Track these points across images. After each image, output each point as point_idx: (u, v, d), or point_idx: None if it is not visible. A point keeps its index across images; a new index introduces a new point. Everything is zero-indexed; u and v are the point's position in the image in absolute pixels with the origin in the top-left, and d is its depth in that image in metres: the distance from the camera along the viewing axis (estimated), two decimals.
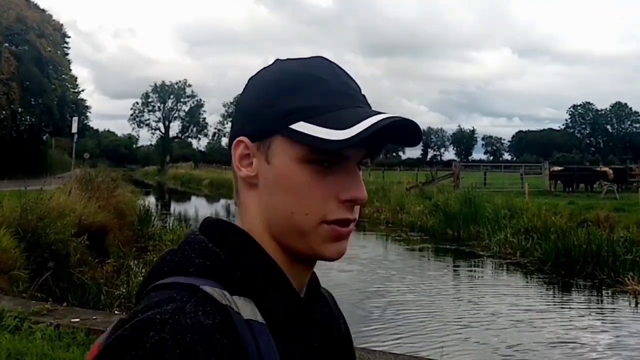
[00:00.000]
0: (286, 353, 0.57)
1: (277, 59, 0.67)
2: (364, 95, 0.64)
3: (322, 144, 0.56)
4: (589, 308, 8.10)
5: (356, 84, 0.65)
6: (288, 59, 0.66)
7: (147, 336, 0.48)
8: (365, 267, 10.83)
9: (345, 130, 0.56)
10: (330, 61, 0.65)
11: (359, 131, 0.55)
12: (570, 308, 8.09)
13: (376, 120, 0.56)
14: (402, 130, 0.59)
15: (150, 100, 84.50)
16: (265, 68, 0.66)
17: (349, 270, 10.19)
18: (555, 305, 8.26)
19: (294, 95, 0.60)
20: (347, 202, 0.60)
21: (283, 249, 0.62)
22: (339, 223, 0.60)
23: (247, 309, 0.55)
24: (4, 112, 34.57)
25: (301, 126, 0.58)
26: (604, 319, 7.48)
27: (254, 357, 0.53)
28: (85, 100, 50.46)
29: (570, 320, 7.35)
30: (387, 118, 0.56)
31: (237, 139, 0.63)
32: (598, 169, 23.77)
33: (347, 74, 0.65)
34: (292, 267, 0.62)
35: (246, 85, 0.66)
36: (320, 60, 0.64)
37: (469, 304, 8.20)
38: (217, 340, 0.50)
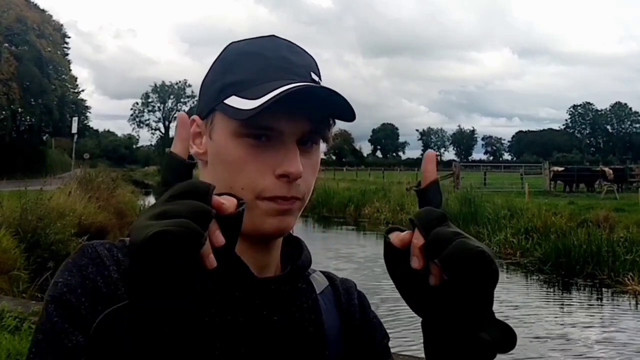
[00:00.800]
0: (207, 319, 0.58)
1: (232, 42, 0.68)
2: (313, 72, 0.63)
3: (235, 114, 0.57)
4: (589, 308, 8.10)
5: (308, 60, 0.65)
6: (240, 40, 0.67)
7: (71, 257, 0.59)
8: (365, 267, 10.83)
9: (255, 100, 0.56)
10: (281, 38, 0.65)
11: (264, 100, 0.55)
12: (570, 308, 8.09)
13: (283, 89, 0.55)
14: (329, 102, 0.58)
15: (150, 100, 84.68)
16: (227, 48, 0.68)
17: (349, 269, 10.19)
18: (555, 305, 8.26)
19: (230, 71, 0.62)
20: (281, 177, 0.60)
21: None
22: (277, 200, 0.60)
23: None
24: (4, 112, 34.59)
25: (232, 100, 0.59)
26: (604, 319, 7.47)
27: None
28: (85, 101, 50.54)
29: (570, 320, 7.35)
30: (297, 86, 0.56)
31: (191, 117, 0.63)
32: (597, 169, 23.77)
33: (296, 50, 0.64)
34: (247, 246, 0.62)
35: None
36: (268, 38, 0.65)
37: None
38: (104, 264, 0.58)
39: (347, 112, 0.60)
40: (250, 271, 0.62)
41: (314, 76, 0.63)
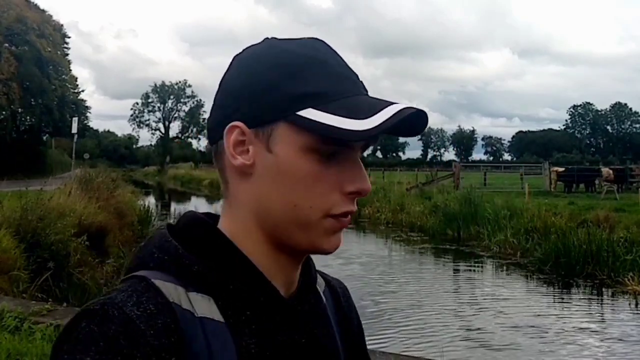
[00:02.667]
0: (252, 351, 0.54)
1: (267, 38, 0.63)
2: (362, 81, 0.62)
3: (340, 133, 0.53)
4: (589, 308, 8.10)
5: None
6: (281, 38, 0.62)
7: (79, 327, 0.48)
8: (364, 267, 10.83)
9: (366, 120, 0.53)
10: (326, 43, 0.62)
11: (381, 121, 0.53)
12: (570, 308, 8.08)
13: (396, 110, 0.53)
14: (410, 121, 0.56)
15: (150, 100, 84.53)
16: (254, 46, 0.62)
17: (348, 270, 10.18)
18: (555, 305, 8.26)
19: (298, 79, 0.56)
20: (351, 194, 0.57)
21: (273, 244, 0.59)
22: (342, 216, 0.58)
23: (202, 307, 0.53)
24: (4, 112, 34.57)
25: (310, 113, 0.54)
26: (604, 319, 7.47)
27: (202, 356, 0.51)
28: (85, 101, 50.46)
29: (570, 321, 7.35)
30: (406, 109, 0.54)
31: (231, 124, 0.57)
32: (597, 168, 23.76)
33: (341, 56, 0.62)
34: (278, 262, 0.59)
35: (232, 64, 0.62)
36: (317, 42, 0.61)
37: (468, 304, 8.20)
38: (142, 331, 0.48)
39: (419, 132, 0.59)
40: (280, 295, 0.59)
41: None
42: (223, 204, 0.62)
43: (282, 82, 0.56)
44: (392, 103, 0.56)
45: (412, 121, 0.56)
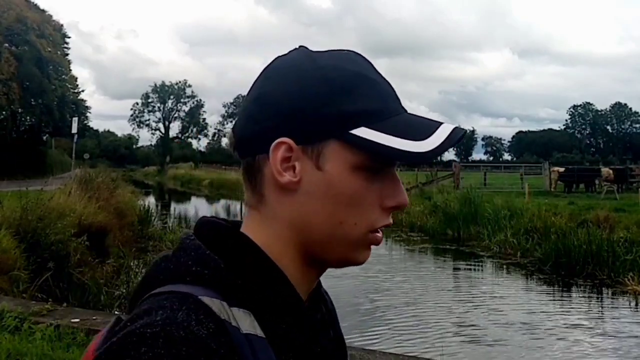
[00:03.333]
0: None
1: (303, 47, 0.61)
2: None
3: (399, 155, 0.54)
4: (589, 308, 8.10)
5: None
6: (320, 51, 0.60)
7: (138, 352, 0.44)
8: (364, 267, 10.82)
9: (423, 142, 0.54)
10: (362, 56, 0.61)
11: (438, 144, 0.54)
12: (570, 308, 8.09)
13: (449, 132, 0.55)
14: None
15: (150, 100, 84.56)
16: (290, 57, 0.60)
17: (348, 270, 10.18)
18: (555, 305, 8.26)
19: (350, 96, 0.55)
20: (392, 209, 0.58)
21: (306, 257, 0.58)
22: (382, 229, 0.59)
23: (246, 322, 0.52)
24: (4, 112, 34.61)
25: (364, 132, 0.54)
26: (604, 319, 7.47)
27: None
28: (85, 101, 50.53)
29: (570, 321, 7.35)
30: (457, 129, 0.56)
31: (279, 140, 0.55)
32: (597, 168, 23.77)
33: (376, 68, 0.62)
34: (304, 274, 0.59)
35: (268, 74, 0.60)
36: (358, 56, 0.60)
37: (469, 304, 8.20)
38: (214, 351, 0.46)
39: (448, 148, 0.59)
40: (306, 308, 0.59)
41: None
42: (251, 214, 0.60)
43: (334, 99, 0.55)
44: (439, 123, 0.57)
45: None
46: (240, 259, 0.55)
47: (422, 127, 0.56)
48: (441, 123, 0.57)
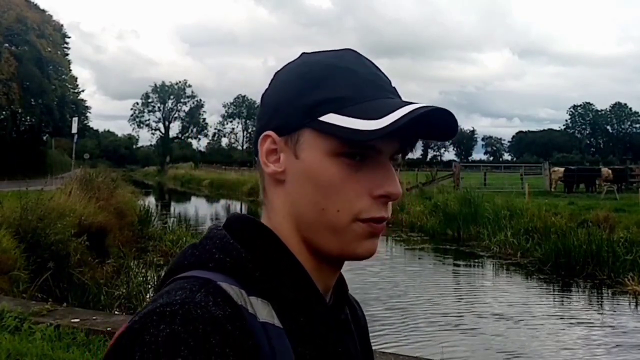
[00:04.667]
0: (305, 357, 0.55)
1: (303, 53, 0.64)
2: (394, 88, 0.62)
3: (353, 134, 0.54)
4: (589, 308, 8.10)
5: (386, 76, 0.63)
6: (314, 52, 0.64)
7: (157, 329, 0.46)
8: (364, 267, 10.82)
9: (378, 120, 0.54)
10: (359, 53, 0.63)
11: (392, 121, 0.53)
12: (570, 308, 8.09)
13: (410, 110, 0.53)
14: (436, 122, 0.57)
15: (150, 100, 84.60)
16: (290, 62, 0.64)
17: (348, 270, 10.17)
18: (555, 305, 8.26)
19: (321, 87, 0.58)
20: (380, 198, 0.58)
21: (310, 250, 0.60)
22: (373, 221, 0.58)
23: (263, 311, 0.53)
24: (4, 112, 34.61)
25: (331, 118, 0.56)
26: (604, 319, 7.47)
27: (267, 358, 0.51)
28: (85, 101, 50.54)
29: (571, 321, 7.35)
30: (422, 107, 0.54)
31: (264, 133, 0.60)
32: (598, 169, 23.77)
33: (376, 66, 0.63)
34: (318, 268, 0.60)
35: (271, 80, 0.64)
36: (348, 52, 0.62)
37: (469, 304, 8.20)
38: (230, 332, 0.48)
39: (452, 134, 0.59)
40: (327, 304, 0.61)
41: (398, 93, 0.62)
42: (263, 211, 0.64)
43: (306, 90, 0.58)
44: (409, 103, 0.56)
45: (440, 123, 0.57)
46: (261, 250, 0.58)
47: (386, 108, 0.55)
48: (411, 103, 0.56)
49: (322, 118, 0.56)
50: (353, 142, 0.55)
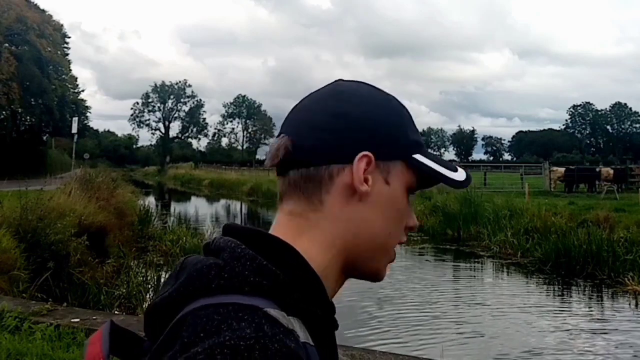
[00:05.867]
0: None
1: (365, 84, 0.70)
2: None
3: (448, 181, 0.66)
4: (589, 308, 8.11)
5: None
6: (370, 85, 0.70)
7: None
8: None
9: (457, 173, 0.68)
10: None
11: (466, 176, 0.68)
12: (570, 308, 8.09)
13: (468, 172, 0.69)
14: None
15: (150, 100, 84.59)
16: (358, 85, 0.69)
17: None
18: (555, 305, 8.26)
19: (411, 128, 0.67)
20: (408, 229, 0.68)
21: (346, 266, 0.64)
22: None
23: (301, 331, 0.53)
24: (4, 112, 34.61)
25: (421, 158, 0.66)
26: (604, 319, 7.47)
27: None
28: (85, 101, 50.59)
29: (571, 321, 7.35)
30: (468, 170, 0.70)
31: (364, 153, 0.62)
32: (597, 169, 23.75)
33: None
34: (338, 281, 0.65)
35: (346, 98, 0.65)
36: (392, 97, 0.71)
37: (469, 304, 8.20)
38: None
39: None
40: (335, 318, 0.63)
41: None
42: (293, 222, 0.63)
43: (407, 128, 0.67)
44: (452, 162, 0.71)
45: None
46: (294, 272, 0.57)
47: (447, 161, 0.68)
48: (450, 161, 0.70)
49: (415, 156, 0.66)
50: (442, 184, 0.67)
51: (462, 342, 6.37)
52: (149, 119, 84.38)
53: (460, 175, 0.68)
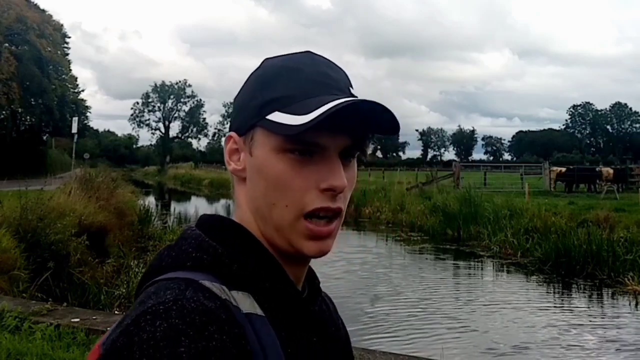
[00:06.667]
0: (287, 343, 0.57)
1: (266, 58, 0.68)
2: (349, 86, 0.64)
3: (282, 130, 0.57)
4: (589, 308, 8.10)
5: (344, 75, 0.65)
6: (275, 56, 0.67)
7: (153, 326, 0.47)
8: (364, 266, 10.82)
9: (305, 115, 0.56)
10: (316, 54, 0.65)
11: (315, 115, 0.55)
12: (570, 308, 8.08)
13: (335, 104, 0.55)
14: (376, 116, 0.58)
15: (150, 100, 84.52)
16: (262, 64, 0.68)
17: (349, 270, 10.19)
18: (555, 305, 8.25)
19: (270, 87, 0.61)
20: (326, 191, 0.59)
21: (270, 244, 0.62)
22: (318, 215, 0.59)
23: (246, 303, 0.55)
24: (4, 112, 34.58)
25: (276, 116, 0.59)
26: (604, 319, 7.47)
27: (256, 348, 0.52)
28: (85, 101, 50.51)
29: (571, 321, 7.34)
30: (346, 101, 0.55)
31: (227, 134, 0.65)
32: (598, 169, 23.75)
33: (332, 66, 0.64)
34: (284, 262, 0.62)
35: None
36: (305, 54, 0.65)
37: (469, 304, 8.20)
38: (224, 320, 0.49)
39: (392, 128, 0.60)
40: (301, 294, 0.63)
41: (352, 91, 0.64)
42: (234, 208, 0.68)
43: (257, 91, 0.62)
44: (347, 99, 0.57)
45: (379, 116, 0.59)
46: (235, 245, 0.60)
47: (316, 104, 0.57)
48: (347, 99, 0.56)
49: (269, 116, 0.59)
50: (286, 137, 0.58)
51: (462, 341, 6.37)
52: (149, 119, 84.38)
53: (301, 118, 0.56)
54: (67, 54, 42.23)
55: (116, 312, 6.34)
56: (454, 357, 5.81)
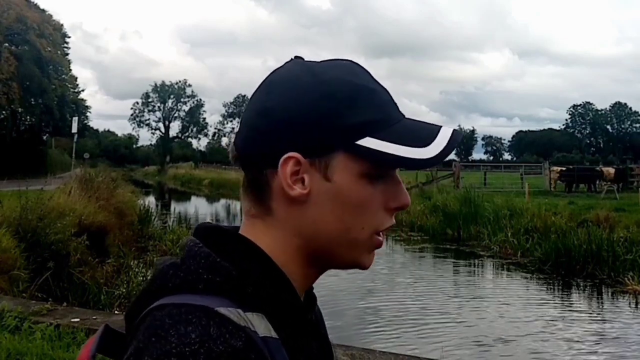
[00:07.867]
0: (296, 359, 0.56)
1: (299, 58, 0.63)
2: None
3: (403, 162, 0.57)
4: (589, 308, 8.10)
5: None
6: (317, 62, 0.62)
7: None
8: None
9: (428, 148, 0.57)
10: (360, 65, 0.63)
11: (442, 149, 0.57)
12: (570, 308, 8.09)
13: (449, 136, 0.58)
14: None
15: (150, 100, 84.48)
16: (289, 69, 0.61)
17: (349, 270, 10.17)
18: (555, 305, 8.26)
19: (352, 109, 0.57)
20: (395, 210, 0.61)
21: (311, 260, 0.61)
22: (386, 231, 0.61)
23: (261, 326, 0.53)
24: (4, 112, 34.61)
25: (369, 142, 0.57)
26: (604, 319, 7.47)
27: None
28: (85, 100, 50.52)
29: (571, 321, 7.35)
30: (456, 132, 0.58)
31: (287, 155, 0.57)
32: (598, 169, 23.76)
33: (373, 76, 0.63)
34: (307, 275, 0.61)
35: (269, 88, 0.60)
36: (353, 65, 0.62)
37: (469, 304, 8.20)
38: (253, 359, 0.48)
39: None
40: (305, 310, 0.62)
41: None
42: (253, 222, 0.61)
43: (338, 112, 0.57)
44: (439, 127, 0.60)
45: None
46: (249, 266, 0.56)
47: (423, 133, 0.58)
48: (440, 127, 0.59)
49: (359, 142, 0.57)
50: (409, 168, 0.58)
51: (462, 341, 6.37)
52: (149, 119, 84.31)
53: (429, 151, 0.57)
54: (67, 54, 42.29)
55: (116, 312, 6.34)
56: (454, 357, 5.81)
